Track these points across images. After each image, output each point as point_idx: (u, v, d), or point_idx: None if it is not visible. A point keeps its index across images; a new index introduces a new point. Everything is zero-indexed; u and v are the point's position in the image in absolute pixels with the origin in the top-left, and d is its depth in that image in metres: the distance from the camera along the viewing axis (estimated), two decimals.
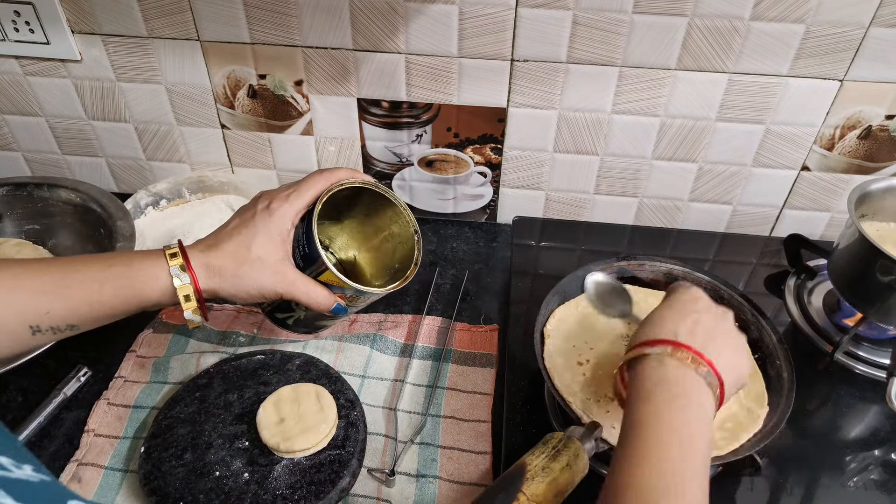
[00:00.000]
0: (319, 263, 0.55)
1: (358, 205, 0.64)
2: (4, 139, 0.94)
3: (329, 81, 0.83)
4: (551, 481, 0.51)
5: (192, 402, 0.66)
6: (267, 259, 0.54)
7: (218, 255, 0.54)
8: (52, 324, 0.50)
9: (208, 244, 0.55)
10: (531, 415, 0.68)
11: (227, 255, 0.54)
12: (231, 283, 0.54)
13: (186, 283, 0.53)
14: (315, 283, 0.56)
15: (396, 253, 0.64)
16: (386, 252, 0.65)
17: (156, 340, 0.75)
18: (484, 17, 0.75)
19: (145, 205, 0.90)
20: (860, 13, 0.71)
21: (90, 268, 0.52)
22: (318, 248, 0.54)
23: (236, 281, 0.54)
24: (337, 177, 0.58)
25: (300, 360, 0.70)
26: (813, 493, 0.63)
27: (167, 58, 0.83)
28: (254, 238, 0.54)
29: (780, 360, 0.64)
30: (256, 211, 0.56)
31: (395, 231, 0.63)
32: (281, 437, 0.61)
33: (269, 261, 0.54)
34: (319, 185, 0.57)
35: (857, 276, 0.72)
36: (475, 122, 0.85)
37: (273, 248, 0.55)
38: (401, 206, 0.61)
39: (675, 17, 0.73)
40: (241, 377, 0.69)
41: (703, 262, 0.89)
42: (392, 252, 0.64)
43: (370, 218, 0.65)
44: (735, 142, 0.83)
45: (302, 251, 0.56)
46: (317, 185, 0.57)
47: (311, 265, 0.56)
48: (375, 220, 0.65)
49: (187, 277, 0.53)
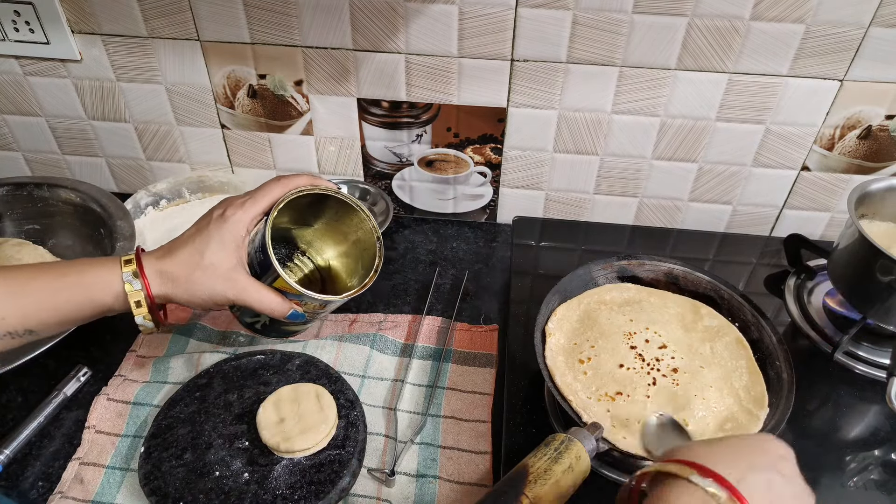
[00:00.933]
0: (272, 271, 0.55)
1: (326, 211, 0.65)
2: (4, 139, 0.94)
3: (329, 81, 0.83)
4: (554, 483, 0.51)
5: (192, 401, 0.66)
6: (219, 266, 0.55)
7: (172, 261, 0.55)
8: (9, 329, 0.52)
9: (164, 251, 0.57)
10: (531, 415, 0.68)
11: (181, 262, 0.55)
12: (184, 288, 0.55)
13: (138, 289, 0.54)
14: (268, 289, 0.56)
15: (363, 259, 0.64)
16: (355, 258, 0.66)
17: (156, 340, 0.75)
18: (484, 17, 0.75)
19: (145, 205, 0.90)
20: (860, 13, 0.71)
21: (47, 274, 0.54)
22: (270, 255, 0.55)
23: (189, 287, 0.55)
24: (295, 183, 0.58)
25: (300, 360, 0.70)
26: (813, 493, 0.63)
27: (167, 58, 0.83)
28: (207, 245, 0.55)
29: (780, 361, 0.64)
30: (212, 218, 0.57)
31: (361, 237, 0.64)
32: (281, 437, 0.61)
33: (221, 267, 0.55)
34: (276, 192, 0.57)
35: (857, 276, 0.72)
36: (475, 122, 0.85)
37: (226, 255, 0.55)
38: (364, 212, 0.62)
39: (675, 17, 0.73)
40: (241, 377, 0.69)
41: (703, 262, 0.89)
42: (359, 258, 0.65)
43: (339, 224, 0.65)
44: (735, 142, 0.83)
45: (258, 258, 0.56)
46: (273, 192, 0.57)
47: (265, 272, 0.56)
48: (343, 227, 0.65)
49: (139, 284, 0.54)
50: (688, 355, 0.65)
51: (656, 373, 0.63)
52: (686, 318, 0.70)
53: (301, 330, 0.67)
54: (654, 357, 0.65)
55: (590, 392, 0.62)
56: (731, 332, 0.68)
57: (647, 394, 0.61)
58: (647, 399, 0.61)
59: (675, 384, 0.62)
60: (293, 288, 0.56)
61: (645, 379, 0.63)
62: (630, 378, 0.63)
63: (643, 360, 0.64)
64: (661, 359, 0.65)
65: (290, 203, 0.58)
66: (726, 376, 0.64)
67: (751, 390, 0.63)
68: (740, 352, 0.66)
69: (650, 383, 0.62)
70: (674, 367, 0.64)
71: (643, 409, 0.60)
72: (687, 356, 0.65)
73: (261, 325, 0.63)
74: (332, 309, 0.63)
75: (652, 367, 0.64)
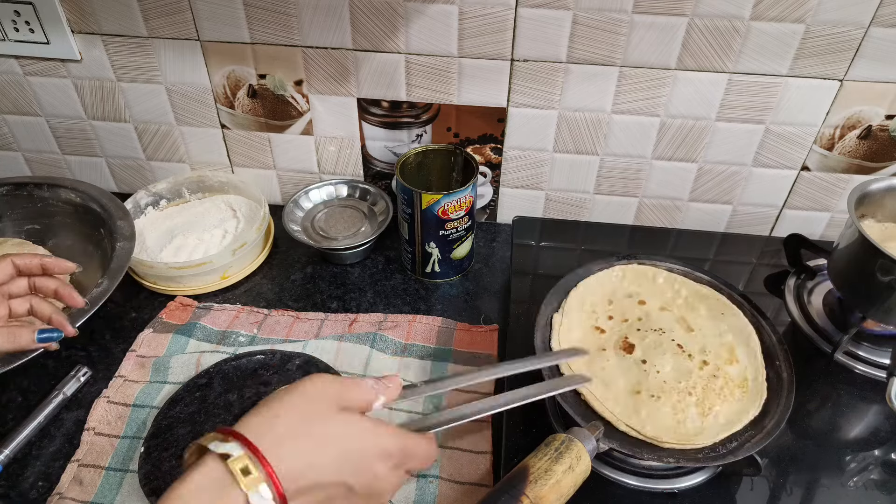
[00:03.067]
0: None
1: None
2: (4, 139, 0.94)
3: (329, 81, 0.83)
4: (554, 483, 0.52)
5: (192, 401, 0.66)
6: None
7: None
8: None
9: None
10: (531, 415, 0.68)
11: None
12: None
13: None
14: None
15: None
16: None
17: (156, 340, 0.75)
18: (484, 16, 0.75)
19: (145, 205, 0.90)
20: (860, 13, 0.71)
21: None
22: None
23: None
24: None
25: (300, 360, 0.70)
26: (813, 493, 0.63)
27: (167, 58, 0.83)
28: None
29: (780, 360, 0.64)
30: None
31: None
32: None
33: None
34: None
35: (857, 276, 0.72)
36: (475, 122, 0.85)
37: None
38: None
39: (675, 17, 0.73)
40: (241, 377, 0.69)
41: (703, 262, 0.89)
42: None
43: None
44: (735, 142, 0.83)
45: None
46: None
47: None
48: None
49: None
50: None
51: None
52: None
53: None
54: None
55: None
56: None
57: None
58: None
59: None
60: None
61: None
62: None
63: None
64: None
65: None
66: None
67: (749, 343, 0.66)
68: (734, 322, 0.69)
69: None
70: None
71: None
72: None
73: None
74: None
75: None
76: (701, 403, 0.61)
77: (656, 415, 0.60)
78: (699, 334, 0.67)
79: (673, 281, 0.73)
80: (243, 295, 0.83)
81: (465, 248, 0.82)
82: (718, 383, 0.62)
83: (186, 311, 0.79)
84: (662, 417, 0.60)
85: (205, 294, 0.82)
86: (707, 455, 0.57)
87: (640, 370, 0.64)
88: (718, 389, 0.61)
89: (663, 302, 0.70)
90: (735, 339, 0.66)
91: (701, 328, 0.67)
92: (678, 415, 0.60)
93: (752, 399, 0.61)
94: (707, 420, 0.60)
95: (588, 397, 0.61)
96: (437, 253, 0.80)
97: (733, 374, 0.63)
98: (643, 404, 0.61)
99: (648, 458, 0.57)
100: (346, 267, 0.87)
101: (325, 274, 0.86)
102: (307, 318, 0.79)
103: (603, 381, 0.63)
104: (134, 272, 0.82)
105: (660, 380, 0.62)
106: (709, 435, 0.58)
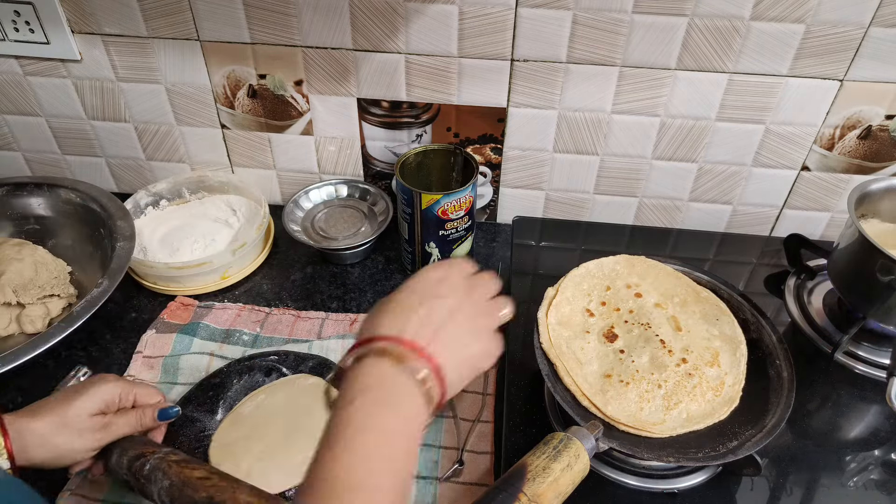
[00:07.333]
0: None
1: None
2: (4, 139, 0.94)
3: (329, 81, 0.83)
4: (552, 482, 0.52)
5: (205, 400, 0.66)
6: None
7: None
8: None
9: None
10: (531, 415, 0.68)
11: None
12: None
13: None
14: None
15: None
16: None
17: (160, 341, 0.75)
18: (484, 17, 0.75)
19: (145, 205, 0.90)
20: (860, 13, 0.71)
21: None
22: None
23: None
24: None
25: (313, 362, 0.71)
26: (813, 493, 0.63)
27: (167, 58, 0.83)
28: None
29: (780, 360, 0.64)
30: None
31: None
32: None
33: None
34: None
35: (857, 276, 0.72)
36: (475, 122, 0.85)
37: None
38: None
39: (675, 17, 0.73)
40: (254, 377, 0.69)
41: (703, 262, 0.89)
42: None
43: None
44: (735, 142, 0.83)
45: None
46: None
47: None
48: None
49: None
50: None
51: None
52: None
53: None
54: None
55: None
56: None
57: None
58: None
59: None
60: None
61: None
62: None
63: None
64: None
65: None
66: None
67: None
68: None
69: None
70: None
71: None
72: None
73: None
74: None
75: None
76: (668, 397, 0.61)
77: (620, 398, 0.61)
78: (686, 335, 0.66)
79: (678, 280, 0.72)
80: (243, 295, 0.83)
81: (464, 248, 0.82)
82: (692, 382, 0.62)
83: (188, 311, 0.79)
84: (626, 402, 0.60)
85: (205, 294, 0.82)
86: (707, 455, 0.57)
87: (616, 358, 0.64)
88: (690, 388, 0.61)
89: (660, 298, 0.70)
90: (723, 345, 0.66)
91: (690, 329, 0.67)
92: (642, 402, 0.60)
93: (723, 404, 0.61)
94: (670, 413, 0.60)
95: (559, 367, 0.62)
96: (436, 253, 0.80)
97: (710, 376, 0.63)
98: (611, 386, 0.61)
99: (648, 457, 0.57)
100: (346, 267, 0.87)
101: (325, 274, 0.86)
102: (308, 317, 0.79)
103: (578, 359, 0.64)
104: (134, 272, 0.82)
105: (633, 368, 0.63)
106: (667, 428, 0.59)
